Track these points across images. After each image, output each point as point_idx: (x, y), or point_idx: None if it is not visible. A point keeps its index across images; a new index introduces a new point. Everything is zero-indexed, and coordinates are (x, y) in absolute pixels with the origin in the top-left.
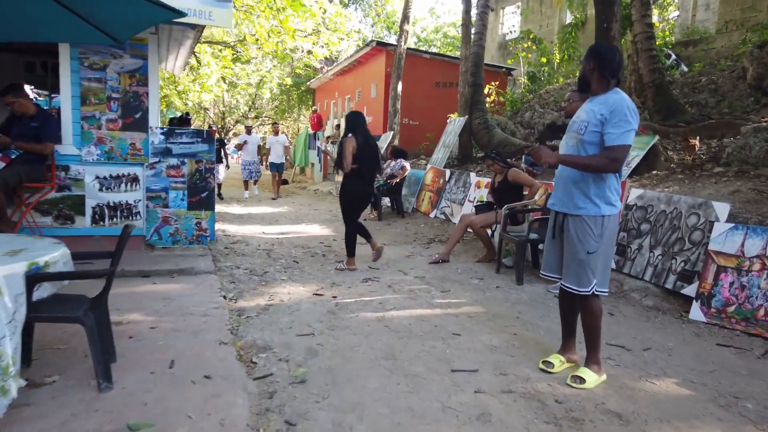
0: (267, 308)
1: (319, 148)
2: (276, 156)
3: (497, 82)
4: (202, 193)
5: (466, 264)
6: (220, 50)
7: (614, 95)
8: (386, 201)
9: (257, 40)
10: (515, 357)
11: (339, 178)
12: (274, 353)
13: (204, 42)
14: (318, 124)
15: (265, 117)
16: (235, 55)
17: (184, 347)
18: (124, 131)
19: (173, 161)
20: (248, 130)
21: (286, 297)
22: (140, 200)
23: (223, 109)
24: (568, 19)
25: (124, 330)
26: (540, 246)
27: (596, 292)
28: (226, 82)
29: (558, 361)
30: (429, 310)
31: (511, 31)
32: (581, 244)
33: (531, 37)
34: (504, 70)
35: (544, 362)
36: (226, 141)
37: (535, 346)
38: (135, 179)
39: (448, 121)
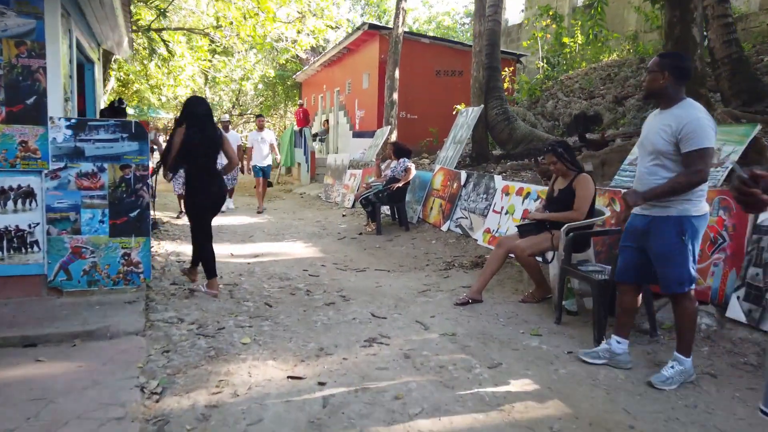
0: (207, 416)
1: (305, 144)
2: (259, 157)
3: (513, 68)
4: (132, 212)
5: (506, 306)
6: (196, 41)
7: None
8: (385, 209)
9: (231, 23)
10: None
11: (327, 179)
12: None
13: (175, 29)
14: (304, 119)
15: (250, 114)
16: (213, 46)
17: None
18: (11, 124)
19: (87, 167)
20: (224, 127)
21: (244, 385)
22: (38, 224)
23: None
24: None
25: None
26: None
27: None
28: (208, 77)
29: None
30: (481, 416)
31: (524, 9)
32: None
33: (551, 14)
34: (517, 56)
35: None
36: None
37: None
38: (29, 194)
39: (457, 112)
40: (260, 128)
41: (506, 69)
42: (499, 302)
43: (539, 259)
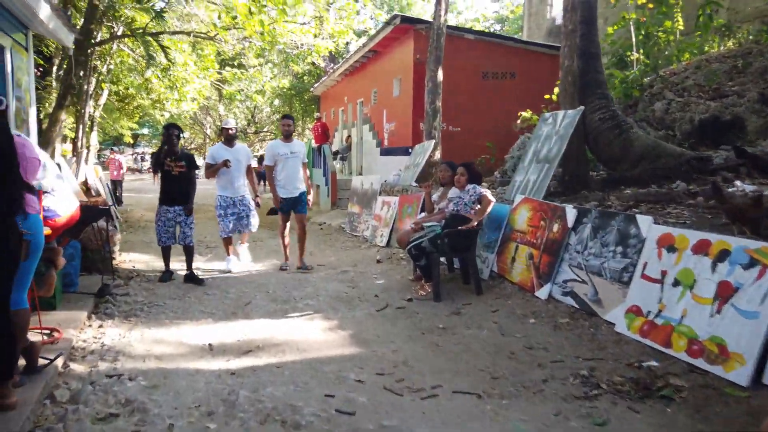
0: None
1: (325, 164)
2: (290, 182)
3: None
4: None
5: None
6: (202, 49)
7: None
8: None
9: (234, 18)
10: None
11: (352, 207)
12: None
13: (173, 33)
14: (323, 135)
15: (266, 131)
16: (222, 56)
17: None
18: None
19: None
20: (228, 138)
21: None
22: None
23: (219, 124)
24: None
25: None
26: None
27: None
28: (222, 93)
29: None
30: None
31: None
32: None
33: None
34: None
35: None
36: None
37: None
38: None
39: (523, 120)
40: (287, 136)
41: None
42: None
43: None
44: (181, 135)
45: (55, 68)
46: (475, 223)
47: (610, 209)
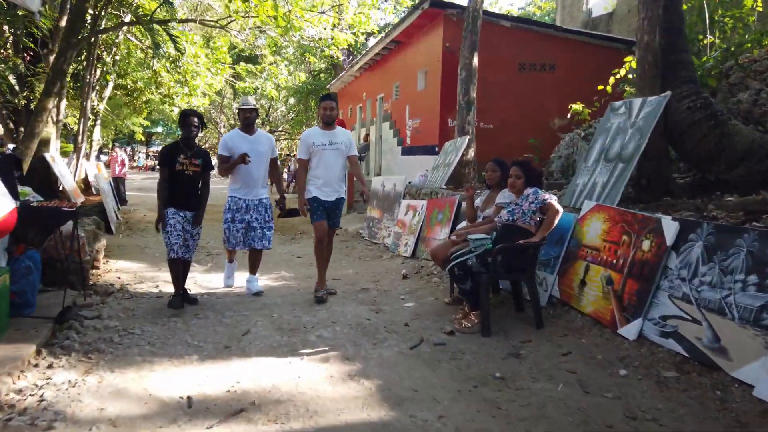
0: None
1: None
2: (327, 183)
3: (631, 60)
4: None
5: None
6: (215, 42)
7: None
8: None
9: (246, 1)
10: None
11: (372, 210)
12: None
13: (181, 21)
14: None
15: (281, 131)
16: (236, 50)
17: None
18: None
19: None
20: (246, 122)
21: None
22: None
23: (233, 123)
24: None
25: None
26: None
27: None
28: (236, 89)
29: None
30: None
31: None
32: None
33: None
34: (630, 44)
35: None
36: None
37: None
38: None
39: (574, 114)
40: (328, 123)
41: (626, 61)
42: None
43: None
44: (202, 127)
45: (53, 56)
46: (538, 238)
47: (718, 221)
